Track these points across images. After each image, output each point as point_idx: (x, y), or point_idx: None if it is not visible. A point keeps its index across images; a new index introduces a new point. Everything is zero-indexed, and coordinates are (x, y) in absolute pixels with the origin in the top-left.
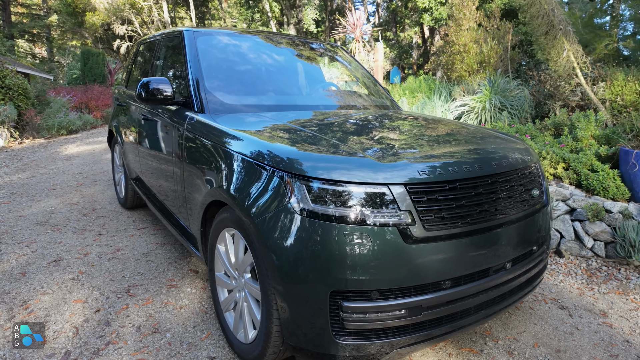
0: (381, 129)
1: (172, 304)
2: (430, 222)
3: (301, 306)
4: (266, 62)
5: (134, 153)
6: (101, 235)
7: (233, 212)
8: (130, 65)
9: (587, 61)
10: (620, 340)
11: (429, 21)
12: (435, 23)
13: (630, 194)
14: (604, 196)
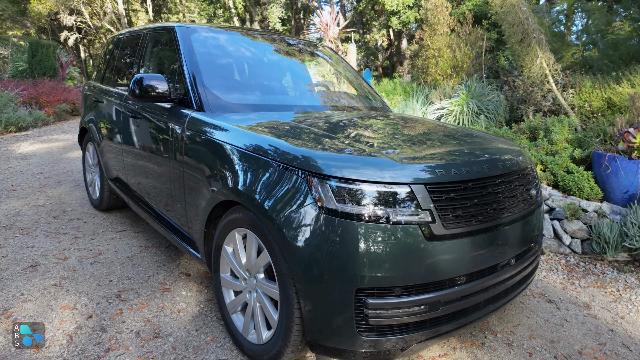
0: (390, 130)
1: (169, 308)
2: (448, 221)
3: (326, 304)
4: (263, 61)
5: (115, 152)
6: (78, 239)
7: (246, 212)
8: (107, 61)
9: (558, 69)
10: (606, 329)
11: (396, 24)
12: (403, 26)
13: (602, 194)
14: (579, 196)
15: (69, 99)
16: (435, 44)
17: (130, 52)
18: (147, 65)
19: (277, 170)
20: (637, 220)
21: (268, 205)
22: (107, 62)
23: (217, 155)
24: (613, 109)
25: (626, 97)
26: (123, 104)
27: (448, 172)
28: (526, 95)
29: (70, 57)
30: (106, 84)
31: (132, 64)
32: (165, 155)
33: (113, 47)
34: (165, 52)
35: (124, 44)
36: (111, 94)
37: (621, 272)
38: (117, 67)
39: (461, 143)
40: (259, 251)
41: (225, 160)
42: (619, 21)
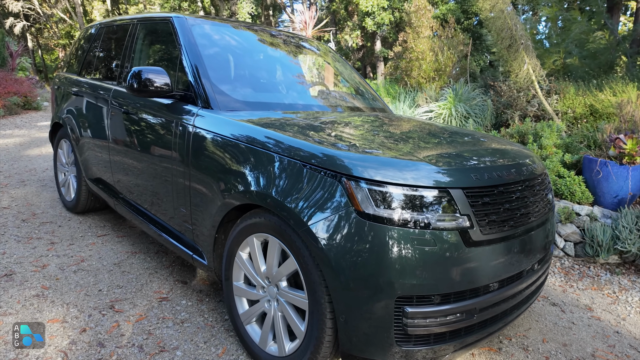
0: (414, 133)
1: (170, 319)
2: (484, 226)
3: (364, 313)
4: (270, 57)
5: (99, 151)
6: (55, 244)
7: (270, 216)
8: (86, 51)
9: (543, 75)
10: (611, 331)
11: (371, 25)
12: (378, 28)
13: (593, 198)
14: (571, 200)
15: (20, 91)
16: (418, 47)
17: (116, 43)
18: (139, 58)
19: (310, 173)
20: (628, 223)
21: (299, 210)
22: (87, 53)
23: (235, 157)
24: (595, 116)
25: (608, 104)
26: (111, 98)
27: (482, 177)
28: (512, 100)
29: (22, 46)
30: (86, 76)
31: (119, 57)
32: (167, 155)
33: (94, 37)
34: (161, 44)
35: (109, 34)
36: (95, 87)
37: (614, 274)
38: (101, 59)
39: (485, 147)
40: (282, 258)
41: (245, 162)
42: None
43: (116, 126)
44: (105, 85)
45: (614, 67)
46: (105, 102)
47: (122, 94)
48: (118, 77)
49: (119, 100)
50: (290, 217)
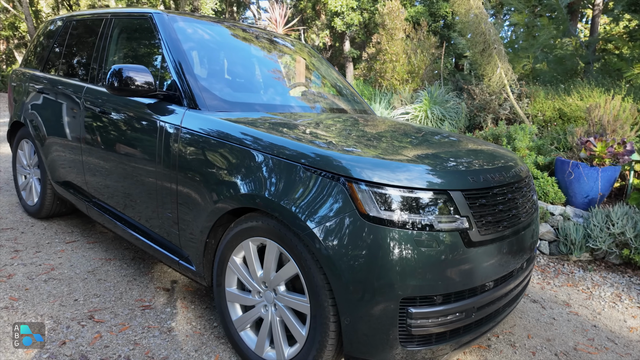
0: (408, 136)
1: (156, 328)
2: (481, 227)
3: (369, 315)
4: (256, 57)
5: (69, 152)
6: (19, 252)
7: (268, 220)
8: (51, 47)
9: (514, 79)
10: (589, 326)
11: (340, 25)
12: (347, 28)
13: (566, 199)
14: (545, 200)
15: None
16: (392, 49)
17: (86, 38)
18: (113, 56)
19: (312, 175)
20: (598, 222)
21: (301, 213)
22: (52, 48)
23: (229, 160)
24: (564, 119)
25: (575, 108)
26: (84, 98)
27: (478, 179)
28: (485, 103)
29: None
30: (52, 73)
31: (91, 53)
32: (150, 158)
33: (60, 31)
34: (138, 42)
35: (77, 28)
36: (64, 85)
37: (587, 271)
38: (69, 55)
39: (476, 150)
40: (281, 262)
41: (240, 165)
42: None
43: (90, 127)
44: (76, 84)
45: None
46: (76, 101)
47: (97, 93)
48: (90, 74)
49: (94, 100)
50: (291, 220)
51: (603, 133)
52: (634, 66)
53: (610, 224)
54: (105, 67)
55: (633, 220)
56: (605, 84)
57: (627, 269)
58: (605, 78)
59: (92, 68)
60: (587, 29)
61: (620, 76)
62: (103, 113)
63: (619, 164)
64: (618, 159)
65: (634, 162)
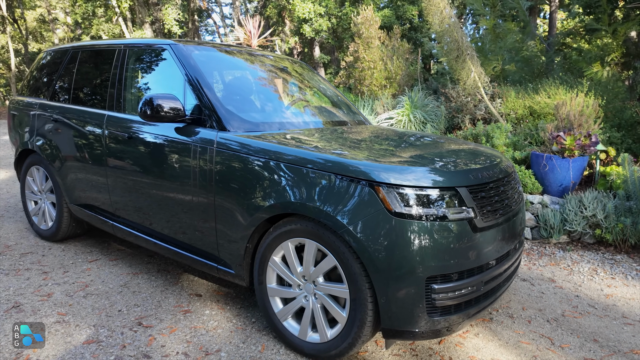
0: (414, 143)
1: (202, 327)
2: (483, 215)
3: (401, 293)
4: (265, 78)
5: (90, 176)
6: (48, 273)
7: (306, 222)
8: (59, 76)
9: (487, 81)
10: (573, 296)
11: (309, 32)
12: (316, 34)
13: (542, 188)
14: (524, 191)
15: None
16: (369, 57)
17: (99, 68)
18: (131, 85)
19: (344, 182)
20: (572, 207)
21: (338, 214)
22: (59, 78)
23: (267, 174)
24: (534, 116)
25: (544, 105)
26: (105, 124)
27: (477, 176)
28: (461, 105)
29: None
30: (60, 101)
31: (107, 83)
32: (183, 177)
33: (66, 61)
34: (156, 70)
35: (87, 58)
36: (81, 113)
37: (566, 251)
38: (80, 84)
39: (471, 151)
40: (320, 257)
41: (278, 177)
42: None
43: (117, 151)
44: (97, 112)
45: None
46: (98, 128)
47: (122, 120)
48: (109, 102)
49: (119, 126)
50: (329, 221)
51: (571, 127)
52: (593, 65)
53: (583, 208)
54: (124, 96)
55: (602, 203)
56: (569, 81)
57: (600, 247)
58: (567, 75)
59: (111, 96)
60: (545, 24)
61: (582, 74)
62: (131, 138)
63: (586, 154)
64: (585, 150)
65: (599, 151)
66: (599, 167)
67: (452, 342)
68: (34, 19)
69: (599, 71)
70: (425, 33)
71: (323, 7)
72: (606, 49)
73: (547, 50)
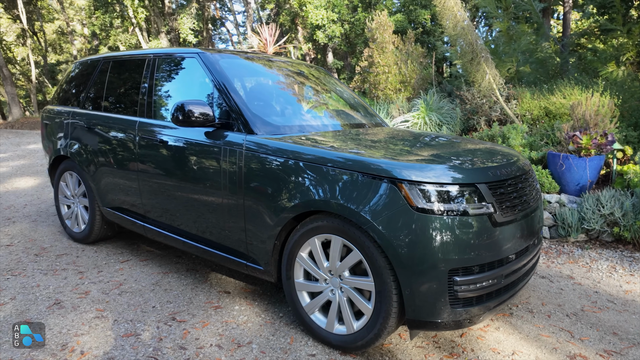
0: (433, 143)
1: (232, 322)
2: (503, 211)
3: (425, 286)
4: (291, 84)
5: (123, 179)
6: (83, 273)
7: (331, 219)
8: (90, 86)
9: (502, 82)
10: (592, 292)
11: (322, 38)
12: (329, 40)
13: (559, 188)
14: (541, 191)
15: None
16: (384, 61)
17: (130, 77)
18: (161, 92)
19: (368, 180)
20: (590, 206)
21: (363, 211)
22: (90, 87)
23: (293, 174)
24: (550, 116)
25: (559, 105)
26: (137, 130)
27: (495, 174)
28: (477, 107)
29: None
30: (92, 109)
31: (138, 91)
32: (213, 179)
33: (97, 71)
34: (185, 78)
35: (118, 68)
36: (113, 120)
37: (584, 249)
38: (110, 93)
39: (488, 151)
40: (345, 252)
41: (305, 176)
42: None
43: (148, 156)
44: (129, 118)
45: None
46: (130, 134)
47: (153, 125)
48: (140, 110)
49: (151, 132)
50: (355, 217)
51: (587, 127)
52: (608, 65)
53: (601, 207)
54: (155, 103)
55: (620, 201)
56: (584, 81)
57: (618, 244)
58: (583, 76)
59: (142, 104)
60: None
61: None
62: (162, 142)
63: (603, 153)
64: (602, 149)
65: (616, 150)
66: (615, 166)
67: (473, 336)
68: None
69: (614, 71)
70: (438, 37)
71: (336, 13)
72: (621, 48)
73: (561, 51)
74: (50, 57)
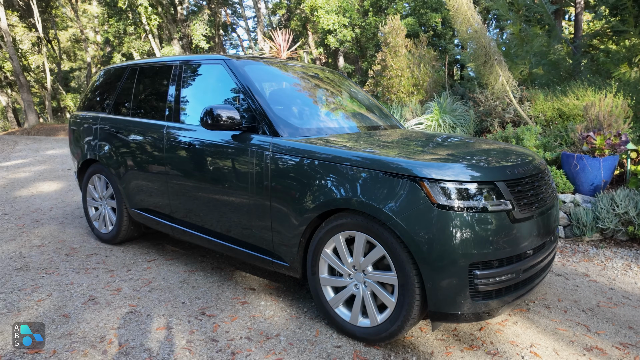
0: (451, 144)
1: (260, 316)
2: (520, 208)
3: (447, 279)
4: (306, 87)
5: (151, 182)
6: (113, 272)
7: (355, 216)
8: (118, 92)
9: (515, 84)
10: (607, 289)
11: (333, 43)
12: (340, 45)
13: (573, 188)
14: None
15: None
16: (397, 64)
17: (158, 83)
18: (190, 97)
19: (391, 179)
20: (604, 205)
21: (387, 208)
22: (119, 93)
23: (317, 174)
24: (563, 117)
25: (573, 107)
26: (165, 134)
27: (513, 172)
28: (490, 109)
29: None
30: (119, 114)
31: (165, 96)
32: (241, 179)
33: (124, 78)
34: (212, 83)
35: (145, 75)
36: (141, 125)
37: (599, 248)
38: (138, 98)
39: (504, 150)
40: (368, 248)
41: (328, 177)
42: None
43: (176, 159)
44: (157, 123)
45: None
46: (159, 138)
47: (182, 129)
48: (167, 114)
49: (179, 135)
50: (379, 214)
51: (600, 127)
52: (620, 66)
53: (615, 206)
54: (182, 108)
55: (634, 200)
56: (597, 82)
57: (633, 243)
58: (595, 77)
59: (169, 108)
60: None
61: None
62: (190, 145)
63: (617, 153)
64: (616, 149)
65: (630, 150)
66: (629, 166)
67: (492, 329)
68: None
69: (626, 72)
70: (449, 40)
71: (347, 17)
72: (633, 49)
73: (573, 52)
74: (64, 65)
